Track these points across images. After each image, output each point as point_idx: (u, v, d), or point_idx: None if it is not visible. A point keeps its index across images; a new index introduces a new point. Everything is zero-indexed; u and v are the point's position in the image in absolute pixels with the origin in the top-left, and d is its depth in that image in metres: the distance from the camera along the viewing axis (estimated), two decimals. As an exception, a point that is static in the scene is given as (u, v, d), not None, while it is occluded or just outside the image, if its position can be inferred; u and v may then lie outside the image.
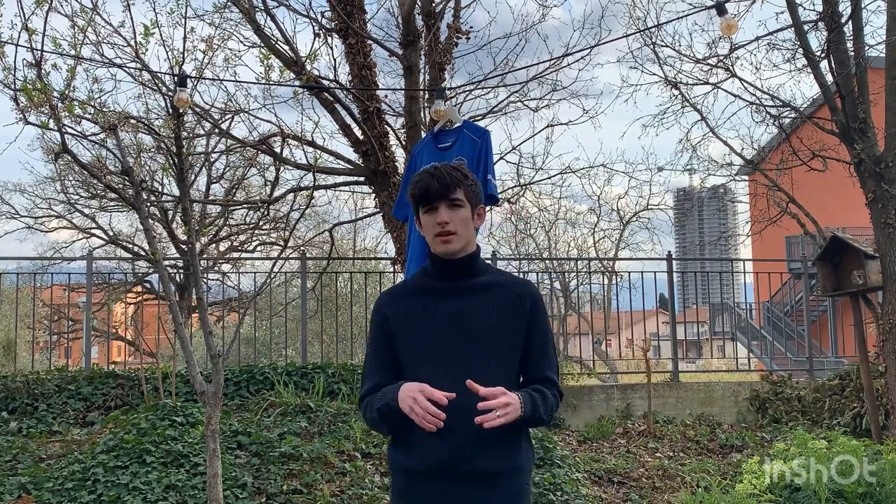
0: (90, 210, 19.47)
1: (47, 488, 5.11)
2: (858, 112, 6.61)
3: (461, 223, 2.21)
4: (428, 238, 2.24)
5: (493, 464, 2.15)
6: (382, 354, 2.26)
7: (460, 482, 2.14)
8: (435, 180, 2.20)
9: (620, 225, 20.80)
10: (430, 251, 2.28)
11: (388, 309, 2.27)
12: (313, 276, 9.24)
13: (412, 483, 2.20)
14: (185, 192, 4.79)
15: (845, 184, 8.31)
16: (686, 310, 22.09)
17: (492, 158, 4.44)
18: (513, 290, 2.27)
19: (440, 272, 2.26)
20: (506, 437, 2.16)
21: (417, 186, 2.23)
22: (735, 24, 4.62)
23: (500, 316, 2.21)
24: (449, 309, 2.21)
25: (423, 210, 2.23)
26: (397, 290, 2.34)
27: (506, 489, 2.18)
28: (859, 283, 6.76)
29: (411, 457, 2.17)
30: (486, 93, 8.72)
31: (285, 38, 7.08)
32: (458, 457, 2.12)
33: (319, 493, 5.32)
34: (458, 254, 2.23)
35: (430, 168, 2.28)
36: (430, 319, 2.21)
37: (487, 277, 2.28)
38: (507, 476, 2.19)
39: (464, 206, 2.22)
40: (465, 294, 2.23)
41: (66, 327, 16.14)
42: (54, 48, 4.49)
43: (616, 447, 7.13)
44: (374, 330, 2.30)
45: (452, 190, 2.20)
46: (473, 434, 2.07)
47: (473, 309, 2.21)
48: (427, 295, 2.25)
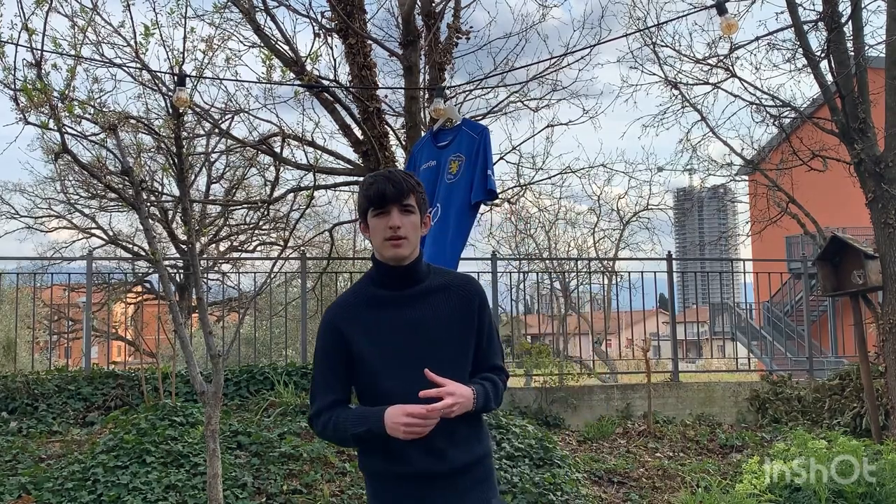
0: (90, 210, 19.48)
1: (47, 488, 5.11)
2: (858, 112, 6.61)
3: (412, 229, 2.23)
4: (376, 241, 2.24)
5: (465, 456, 2.24)
6: (338, 370, 2.26)
7: (437, 480, 2.21)
8: (390, 184, 2.21)
9: (620, 225, 20.80)
10: (374, 257, 2.29)
11: (343, 323, 2.25)
12: (313, 276, 9.24)
13: (394, 485, 2.24)
14: (185, 192, 4.79)
15: (845, 184, 8.31)
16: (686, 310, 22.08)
17: (491, 154, 4.44)
18: (460, 290, 2.31)
19: (388, 280, 2.27)
20: (471, 430, 2.27)
21: (373, 189, 2.22)
22: (735, 23, 4.62)
23: (456, 321, 2.27)
24: (408, 318, 2.24)
25: (374, 213, 2.22)
26: (346, 302, 2.31)
27: (478, 473, 2.29)
28: (859, 283, 6.76)
29: (387, 462, 2.22)
30: (486, 93, 8.73)
31: (285, 38, 7.08)
32: (432, 458, 2.19)
33: (319, 493, 5.32)
34: (404, 260, 2.24)
35: (384, 172, 2.30)
36: (391, 331, 2.23)
37: (434, 280, 2.31)
38: (479, 463, 2.29)
39: (414, 213, 2.24)
40: (413, 301, 2.26)
41: (66, 327, 16.13)
42: (54, 48, 4.49)
43: (616, 447, 7.13)
44: (325, 345, 2.27)
45: (406, 195, 2.22)
46: (443, 433, 2.16)
47: (433, 317, 2.25)
48: (381, 306, 2.26)
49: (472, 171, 4.36)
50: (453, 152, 4.49)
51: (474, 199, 4.33)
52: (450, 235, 4.37)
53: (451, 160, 4.48)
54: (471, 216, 4.43)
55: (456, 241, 4.40)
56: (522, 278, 15.86)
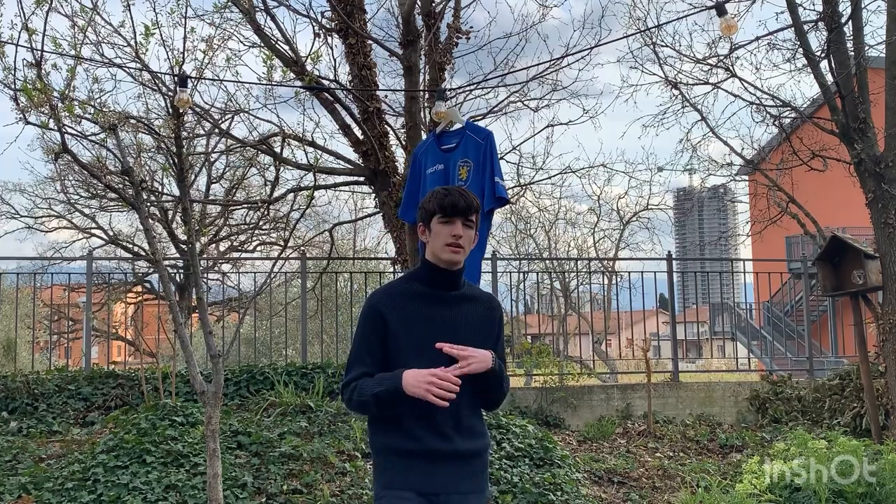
0: (90, 210, 19.46)
1: (47, 488, 5.11)
2: (858, 112, 6.61)
3: (468, 242, 2.56)
4: (437, 244, 2.54)
5: (469, 444, 2.54)
6: (374, 348, 2.52)
7: (443, 460, 2.49)
8: (463, 199, 2.55)
9: (620, 225, 20.80)
10: (426, 258, 2.59)
11: (385, 307, 2.53)
12: (313, 276, 9.24)
13: (401, 461, 2.49)
14: (185, 191, 4.79)
15: (845, 184, 8.32)
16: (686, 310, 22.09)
17: (497, 160, 4.44)
18: (486, 304, 2.68)
19: (434, 280, 2.59)
20: (474, 422, 2.57)
21: (447, 199, 2.54)
22: (735, 24, 4.62)
23: (480, 326, 2.61)
24: (443, 315, 2.55)
25: (441, 220, 2.54)
26: (392, 291, 2.61)
27: (478, 464, 2.58)
28: (859, 283, 6.76)
29: (399, 439, 2.48)
30: (487, 93, 8.70)
31: (286, 38, 7.07)
32: (441, 438, 2.48)
33: (319, 493, 5.32)
34: (454, 266, 2.57)
35: (458, 188, 2.68)
36: (425, 323, 2.52)
37: (466, 291, 2.65)
38: (479, 454, 2.59)
39: (472, 229, 2.58)
40: (454, 304, 2.59)
41: (66, 327, 16.12)
42: (54, 48, 4.50)
43: (616, 447, 7.13)
44: (366, 324, 2.55)
45: (472, 212, 2.56)
46: (452, 419, 2.48)
47: (462, 318, 2.58)
48: (422, 300, 2.56)
49: (482, 179, 4.36)
50: (460, 157, 4.47)
51: (486, 207, 4.32)
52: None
53: (459, 166, 4.47)
54: (485, 224, 4.44)
55: (475, 251, 4.40)
56: (522, 278, 15.88)
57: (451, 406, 2.41)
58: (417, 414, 2.45)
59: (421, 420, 2.46)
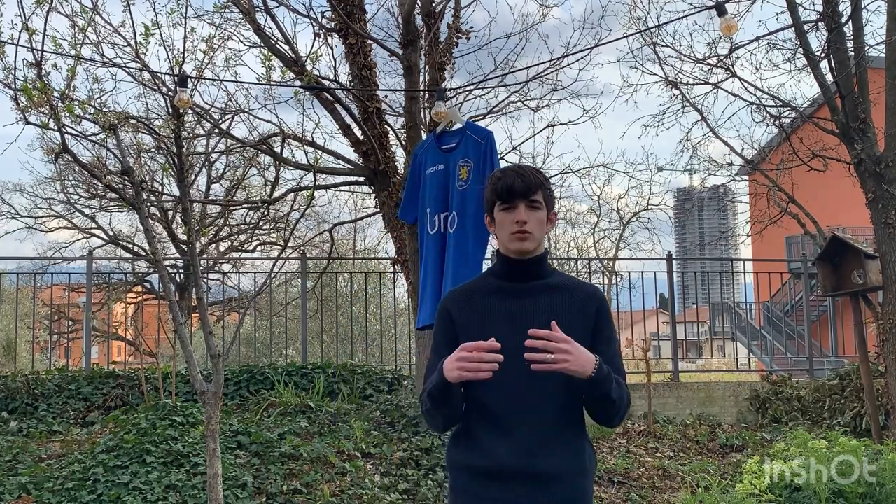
0: (90, 210, 19.49)
1: (47, 488, 5.11)
2: (858, 112, 6.61)
3: (537, 224, 2.21)
4: (502, 235, 2.23)
5: (556, 464, 2.12)
6: (444, 354, 2.16)
7: (522, 483, 2.10)
8: (519, 178, 2.20)
9: (620, 225, 20.75)
10: (500, 250, 2.27)
11: (454, 308, 2.24)
12: (313, 276, 9.24)
13: (473, 482, 2.15)
14: (185, 192, 4.79)
15: (845, 184, 8.32)
16: (686, 310, 22.11)
17: (497, 160, 4.44)
18: (578, 293, 2.24)
19: (508, 273, 2.25)
20: (570, 438, 2.16)
21: (501, 183, 2.21)
22: (735, 24, 4.62)
23: (567, 315, 2.16)
24: (511, 308, 2.19)
25: (501, 207, 2.21)
26: (464, 288, 2.32)
27: (567, 492, 2.14)
28: (859, 282, 6.76)
29: (473, 455, 2.14)
30: (487, 93, 8.69)
31: (286, 39, 7.07)
32: (520, 456, 2.09)
33: (319, 493, 5.32)
34: (528, 254, 2.22)
35: (514, 167, 2.30)
36: (489, 319, 2.18)
37: (554, 280, 2.26)
38: (570, 479, 2.15)
39: (541, 209, 2.22)
40: (529, 294, 2.21)
41: (66, 327, 16.13)
42: (54, 48, 4.49)
43: (616, 447, 7.13)
44: (437, 329, 2.27)
45: (534, 191, 2.20)
46: (537, 434, 2.10)
47: (537, 309, 2.18)
48: (497, 294, 2.23)
49: (482, 179, 4.36)
50: (461, 157, 4.47)
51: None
52: (470, 245, 4.37)
53: (459, 166, 4.47)
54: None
55: (476, 250, 4.40)
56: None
57: (534, 418, 2.08)
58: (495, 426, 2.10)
59: (499, 434, 2.09)
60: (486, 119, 8.63)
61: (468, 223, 4.37)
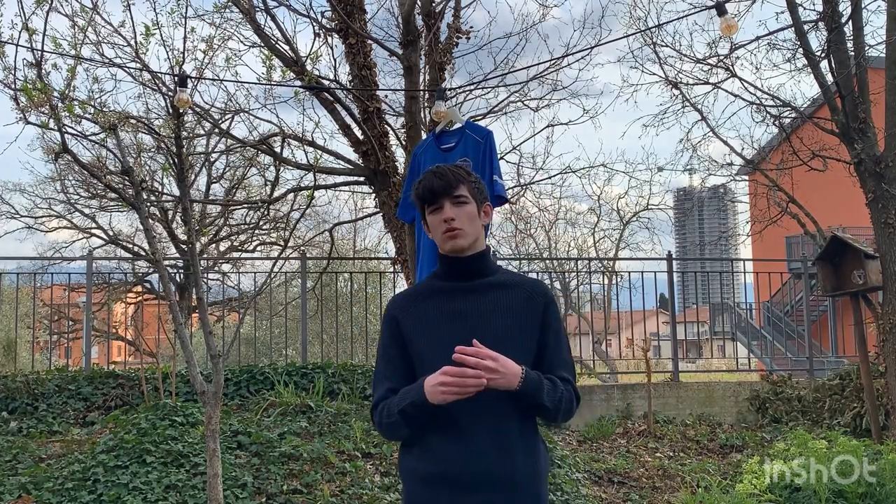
0: (90, 210, 19.48)
1: (47, 488, 5.11)
2: (858, 112, 6.61)
3: (467, 219, 2.19)
4: (436, 238, 2.22)
5: (511, 469, 2.10)
6: (395, 359, 2.19)
7: (477, 490, 2.08)
8: (437, 178, 2.20)
9: (620, 225, 20.84)
10: (440, 252, 2.26)
11: (399, 312, 2.22)
12: (313, 276, 9.24)
13: (426, 490, 2.12)
14: (185, 191, 4.79)
15: (845, 184, 8.31)
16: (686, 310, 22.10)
17: (496, 159, 4.44)
18: (523, 289, 2.23)
19: (449, 272, 2.23)
20: (524, 438, 2.15)
21: (421, 186, 2.22)
22: (735, 24, 4.62)
23: (508, 316, 2.17)
24: (454, 308, 2.18)
25: (429, 210, 2.21)
26: (408, 293, 2.33)
27: (523, 497, 2.13)
28: (859, 282, 6.76)
29: (426, 462, 2.12)
30: (487, 92, 8.70)
31: (286, 38, 7.07)
32: (475, 459, 2.08)
33: (319, 493, 5.32)
34: (466, 251, 2.20)
35: (432, 168, 2.28)
36: (436, 320, 2.17)
37: (498, 277, 2.25)
38: (526, 483, 2.13)
39: (469, 203, 2.21)
40: (475, 293, 2.19)
41: (66, 327, 16.12)
42: (54, 48, 4.50)
43: (616, 447, 7.13)
44: (385, 334, 2.25)
45: (456, 187, 2.19)
46: (491, 435, 2.08)
47: (484, 308, 2.17)
48: (437, 296, 2.21)
49: (481, 178, 4.36)
50: (459, 156, 4.47)
51: None
52: None
53: (456, 163, 4.47)
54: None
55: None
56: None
57: (490, 422, 2.06)
58: (449, 431, 2.07)
59: (454, 438, 2.07)
60: (486, 119, 8.65)
61: None
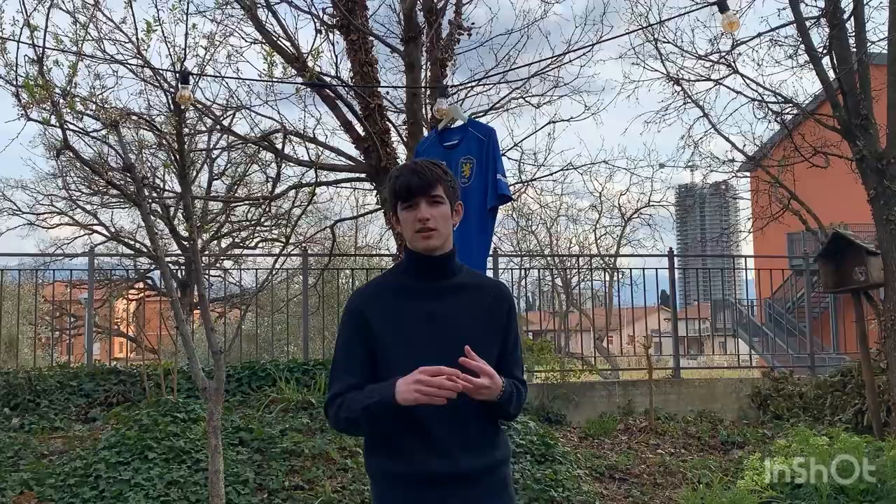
0: (92, 206, 19.45)
1: (49, 484, 5.12)
2: (860, 108, 6.60)
3: (441, 220, 2.18)
4: (407, 234, 2.21)
5: (476, 461, 2.16)
6: (357, 354, 2.17)
7: (444, 485, 2.13)
8: (416, 176, 2.17)
9: (622, 221, 20.76)
10: (407, 247, 2.25)
11: (368, 308, 2.19)
12: (315, 273, 9.24)
13: (396, 488, 2.15)
14: (186, 188, 4.79)
15: (847, 180, 8.30)
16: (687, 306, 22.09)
17: (500, 157, 4.44)
18: (489, 292, 2.28)
19: (417, 270, 2.23)
20: (486, 435, 2.20)
21: (398, 182, 2.18)
22: (737, 21, 4.61)
23: (479, 318, 2.22)
24: (427, 309, 2.19)
25: (403, 206, 2.19)
26: (375, 289, 2.29)
27: (490, 485, 2.20)
28: (861, 279, 6.76)
29: (394, 462, 2.15)
30: (488, 89, 8.70)
31: (287, 35, 7.08)
32: (442, 458, 2.12)
33: (321, 489, 5.33)
34: (436, 251, 2.20)
35: (410, 164, 2.27)
36: (408, 320, 2.17)
37: (463, 278, 2.27)
38: (491, 471, 2.20)
39: (444, 203, 2.19)
40: (442, 295, 2.22)
41: (67, 324, 16.13)
42: (56, 45, 4.49)
43: (617, 443, 7.14)
44: (349, 330, 2.21)
45: (433, 186, 2.17)
46: (457, 433, 2.13)
47: (452, 310, 2.20)
48: (405, 295, 2.21)
49: (485, 176, 4.36)
50: (463, 154, 4.47)
51: (489, 204, 4.33)
52: (474, 240, 4.37)
53: (462, 163, 4.47)
54: (490, 220, 4.45)
55: (481, 246, 4.41)
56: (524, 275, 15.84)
57: (454, 420, 2.10)
58: (414, 430, 2.10)
59: (419, 438, 2.10)
60: (488, 116, 8.65)
61: (472, 218, 4.37)
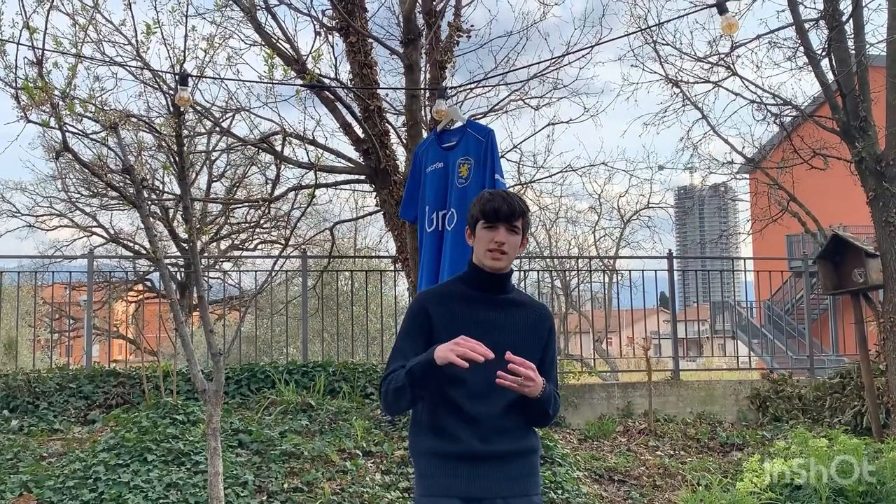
0: (91, 208, 19.49)
1: (49, 486, 5.11)
2: (859, 110, 6.61)
3: (513, 248, 2.48)
4: (479, 249, 2.50)
5: (510, 445, 2.46)
6: (416, 342, 2.46)
7: (483, 461, 2.43)
8: (505, 204, 2.46)
9: (621, 223, 20.77)
10: (473, 261, 2.53)
11: (432, 306, 2.50)
12: (314, 275, 9.24)
13: (439, 463, 2.44)
14: (185, 190, 4.79)
15: (846, 182, 8.31)
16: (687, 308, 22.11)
17: (498, 158, 4.44)
18: (536, 311, 2.59)
19: (481, 283, 2.53)
20: (518, 428, 2.49)
21: (489, 205, 2.46)
22: (736, 23, 4.61)
23: (525, 332, 2.52)
24: (482, 317, 2.49)
25: (485, 225, 2.47)
26: (440, 291, 2.60)
27: (522, 466, 2.49)
28: (860, 281, 6.76)
29: (439, 441, 2.43)
30: (487, 91, 8.70)
31: (286, 37, 7.08)
32: (481, 441, 2.42)
33: (320, 491, 5.32)
34: (500, 271, 2.51)
35: (503, 192, 2.57)
36: (470, 323, 2.45)
37: (514, 295, 2.58)
38: (523, 455, 2.50)
39: (518, 234, 2.49)
40: (497, 307, 2.52)
41: (67, 326, 16.13)
42: (55, 46, 4.49)
43: (617, 445, 7.14)
44: (412, 320, 2.51)
45: (516, 217, 2.47)
46: (495, 423, 2.44)
47: (503, 321, 2.50)
48: (466, 301, 2.51)
49: (482, 176, 4.36)
50: (461, 155, 4.47)
51: None
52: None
53: (459, 163, 4.47)
54: None
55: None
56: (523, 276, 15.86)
57: (493, 412, 2.41)
58: (460, 418, 2.41)
59: (462, 424, 2.42)
60: (487, 117, 8.64)
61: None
